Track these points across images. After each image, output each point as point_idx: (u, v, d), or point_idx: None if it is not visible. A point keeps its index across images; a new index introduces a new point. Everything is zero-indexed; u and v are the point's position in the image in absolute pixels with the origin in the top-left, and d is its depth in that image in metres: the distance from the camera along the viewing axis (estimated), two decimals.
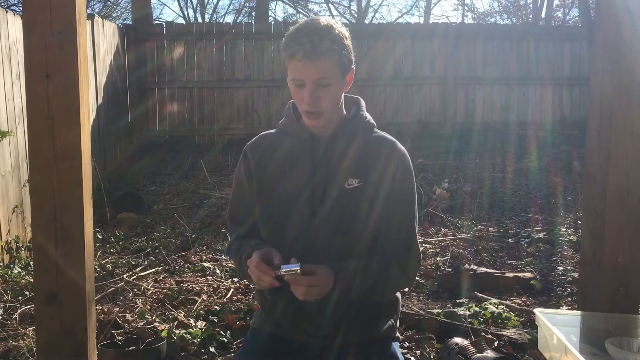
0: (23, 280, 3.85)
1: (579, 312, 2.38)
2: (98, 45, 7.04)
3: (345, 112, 1.75)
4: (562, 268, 4.17)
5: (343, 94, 1.72)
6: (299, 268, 1.51)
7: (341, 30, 1.62)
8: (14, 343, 2.90)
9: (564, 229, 5.17)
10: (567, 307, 3.41)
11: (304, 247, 1.68)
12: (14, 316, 3.25)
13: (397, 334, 1.85)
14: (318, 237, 1.68)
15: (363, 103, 1.80)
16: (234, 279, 3.94)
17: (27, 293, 3.59)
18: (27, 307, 3.35)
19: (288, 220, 1.71)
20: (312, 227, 1.69)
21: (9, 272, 3.97)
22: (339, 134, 1.71)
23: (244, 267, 1.67)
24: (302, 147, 1.72)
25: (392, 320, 1.82)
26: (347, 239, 1.68)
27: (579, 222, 5.08)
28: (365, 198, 1.68)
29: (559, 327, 2.31)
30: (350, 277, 1.62)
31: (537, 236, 4.97)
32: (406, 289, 3.78)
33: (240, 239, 1.80)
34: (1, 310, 3.34)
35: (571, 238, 4.88)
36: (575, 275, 3.90)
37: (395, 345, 1.80)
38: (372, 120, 1.77)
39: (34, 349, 2.67)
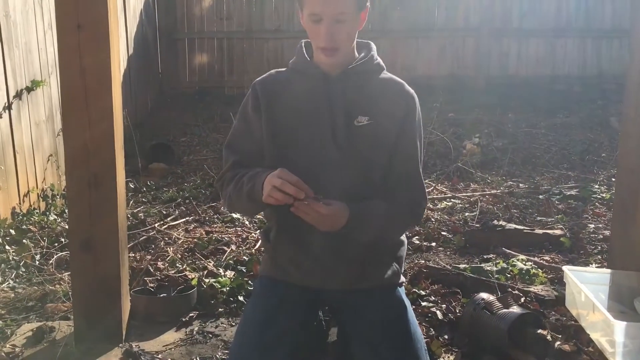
0: (59, 227, 3.96)
1: (608, 270, 2.36)
2: None
3: (357, 55, 1.77)
4: (593, 226, 4.12)
5: (356, 35, 1.72)
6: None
7: None
8: (50, 287, 3.01)
9: (597, 186, 5.08)
10: (596, 265, 3.38)
11: (312, 183, 1.62)
12: (51, 262, 3.36)
13: (402, 279, 1.85)
14: (326, 174, 1.69)
15: (374, 46, 1.81)
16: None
17: (63, 240, 3.70)
18: (63, 253, 3.46)
19: (298, 157, 1.71)
20: (321, 163, 1.70)
21: (45, 219, 4.09)
22: (350, 73, 1.73)
23: (250, 184, 1.64)
24: (314, 85, 1.74)
25: (396, 264, 1.82)
26: (356, 176, 1.71)
27: (613, 180, 4.98)
28: (374, 136, 1.71)
29: (587, 285, 2.30)
30: (363, 218, 1.65)
31: (568, 193, 4.89)
32: (433, 244, 3.80)
33: (238, 167, 1.76)
34: (38, 256, 3.46)
35: (604, 195, 4.79)
36: (607, 233, 3.85)
37: (401, 290, 1.81)
38: (382, 63, 1.79)
39: (70, 293, 2.76)
